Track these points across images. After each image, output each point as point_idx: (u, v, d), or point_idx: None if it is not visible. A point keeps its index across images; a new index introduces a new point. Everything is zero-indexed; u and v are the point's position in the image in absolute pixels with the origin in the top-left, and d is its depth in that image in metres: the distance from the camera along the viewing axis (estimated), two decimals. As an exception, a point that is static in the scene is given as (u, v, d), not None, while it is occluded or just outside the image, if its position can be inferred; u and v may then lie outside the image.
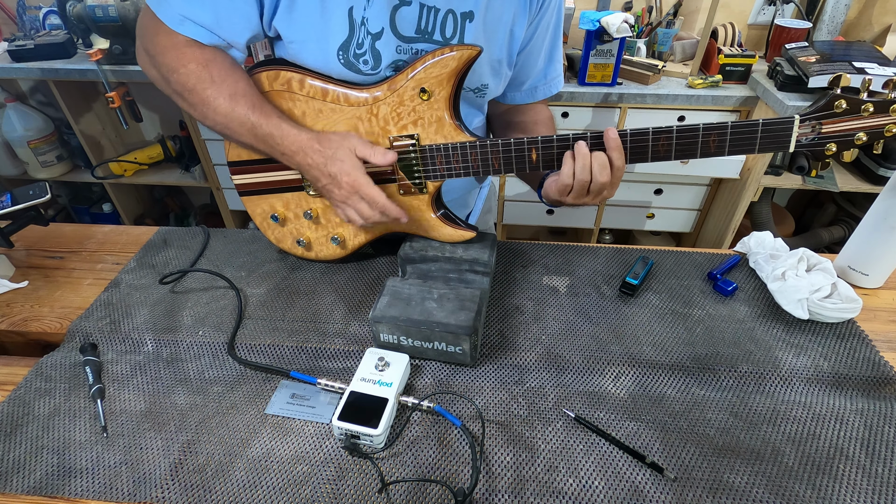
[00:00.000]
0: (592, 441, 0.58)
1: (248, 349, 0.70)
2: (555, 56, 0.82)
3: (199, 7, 0.62)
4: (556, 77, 0.83)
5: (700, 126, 0.61)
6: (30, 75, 1.73)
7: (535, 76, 0.82)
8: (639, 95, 1.61)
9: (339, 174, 0.63)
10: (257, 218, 0.81)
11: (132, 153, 2.02)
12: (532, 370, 0.67)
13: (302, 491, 0.54)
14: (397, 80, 0.66)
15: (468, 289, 0.68)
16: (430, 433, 0.59)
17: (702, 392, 0.64)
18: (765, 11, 1.81)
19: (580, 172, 0.64)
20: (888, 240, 0.74)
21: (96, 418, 0.61)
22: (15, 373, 0.68)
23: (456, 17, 0.68)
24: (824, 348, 0.69)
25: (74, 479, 0.55)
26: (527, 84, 0.83)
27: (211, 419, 0.61)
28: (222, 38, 0.65)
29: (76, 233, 0.96)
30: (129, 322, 0.74)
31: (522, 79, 0.82)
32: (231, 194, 2.04)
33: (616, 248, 0.89)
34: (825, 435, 0.59)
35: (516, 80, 0.82)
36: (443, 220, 0.74)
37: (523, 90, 0.83)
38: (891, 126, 0.57)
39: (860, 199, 1.86)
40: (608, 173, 0.64)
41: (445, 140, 0.67)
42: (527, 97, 0.84)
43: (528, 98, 0.84)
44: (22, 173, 2.05)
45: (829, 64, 1.42)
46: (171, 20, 0.62)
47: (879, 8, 1.73)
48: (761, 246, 0.83)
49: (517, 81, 0.82)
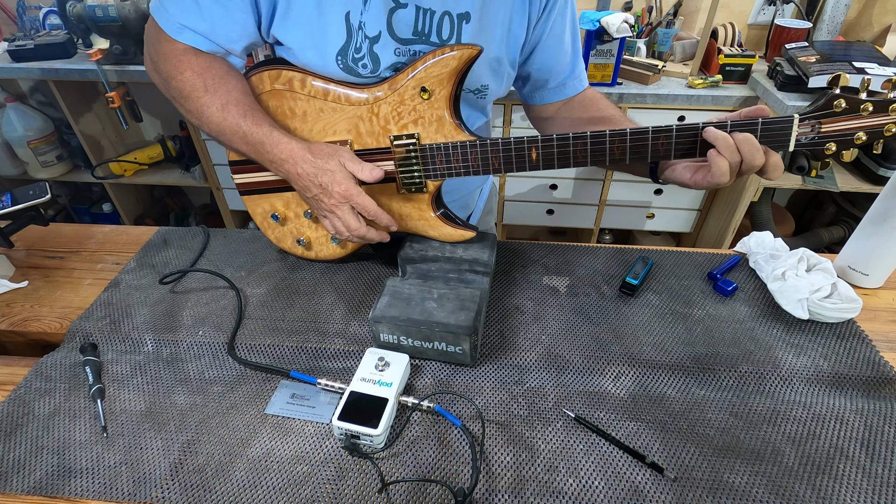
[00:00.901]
0: (592, 441, 0.58)
1: (248, 349, 0.70)
2: (578, 52, 0.81)
3: (196, 16, 0.64)
4: (582, 72, 0.82)
5: (700, 125, 0.61)
6: (30, 75, 1.73)
7: (563, 72, 0.80)
8: (639, 95, 1.61)
9: (331, 184, 0.63)
10: (258, 217, 0.81)
11: (132, 153, 2.02)
12: (532, 370, 0.67)
13: (302, 491, 0.54)
14: (398, 80, 0.66)
15: (468, 289, 0.68)
16: (430, 433, 0.59)
17: (702, 392, 0.64)
18: (765, 11, 1.81)
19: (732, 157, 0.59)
20: (888, 240, 0.74)
21: (96, 418, 0.61)
22: (15, 373, 0.68)
23: (452, 19, 0.68)
24: (824, 348, 0.69)
25: (74, 479, 0.55)
26: (552, 82, 0.81)
27: (211, 419, 0.61)
28: (219, 45, 0.67)
29: (76, 233, 0.96)
30: (129, 322, 0.74)
31: (545, 77, 0.80)
32: (231, 194, 2.04)
33: (616, 248, 0.89)
34: (825, 435, 0.59)
35: (540, 80, 0.81)
36: (443, 220, 0.74)
37: (549, 88, 0.81)
38: (890, 125, 0.57)
39: (860, 199, 1.86)
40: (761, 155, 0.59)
41: (446, 139, 0.67)
42: (556, 95, 0.82)
43: (557, 95, 0.82)
44: (22, 173, 2.05)
45: (829, 64, 1.42)
46: (171, 28, 0.65)
47: (879, 8, 1.73)
48: (761, 246, 0.83)
49: (541, 80, 0.81)
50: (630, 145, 0.62)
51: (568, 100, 0.83)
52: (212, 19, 0.65)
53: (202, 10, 0.64)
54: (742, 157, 0.58)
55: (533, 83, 0.82)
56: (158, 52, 0.67)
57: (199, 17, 0.64)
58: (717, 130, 0.59)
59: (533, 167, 0.67)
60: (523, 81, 0.83)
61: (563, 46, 0.78)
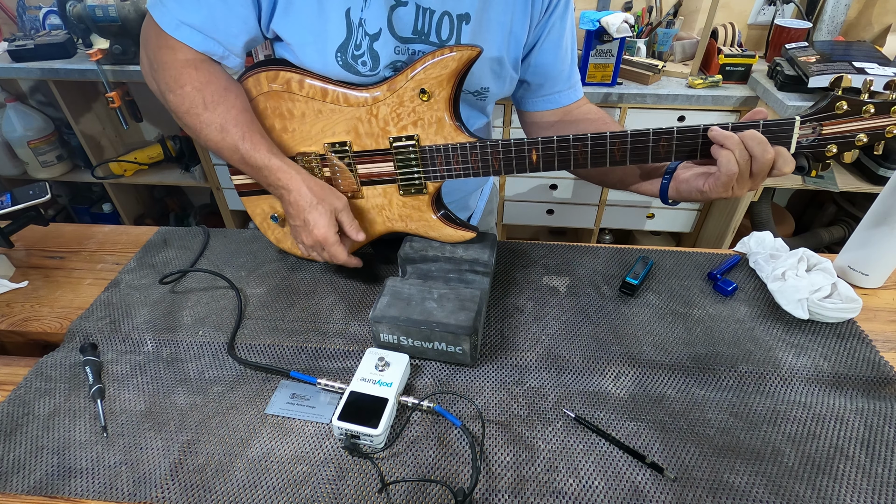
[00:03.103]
0: (592, 441, 0.58)
1: (248, 349, 0.70)
2: (575, 61, 0.80)
3: (196, 11, 0.63)
4: (578, 82, 0.81)
5: (701, 127, 0.60)
6: (30, 75, 1.73)
7: (559, 79, 0.79)
8: (639, 95, 1.61)
9: (315, 226, 0.67)
10: (257, 218, 0.81)
11: (132, 153, 2.02)
12: (532, 370, 0.67)
13: (302, 491, 0.54)
14: (397, 81, 0.66)
15: (468, 289, 0.68)
16: (430, 433, 0.59)
17: (702, 392, 0.64)
18: (765, 11, 1.81)
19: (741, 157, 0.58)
20: (888, 240, 0.74)
21: (96, 418, 0.61)
22: (15, 373, 0.68)
23: (452, 19, 0.68)
24: (824, 348, 0.69)
25: (74, 479, 0.55)
26: (547, 88, 0.80)
27: (211, 419, 0.61)
28: (219, 41, 0.65)
29: (76, 233, 0.96)
30: (129, 322, 0.74)
31: (540, 81, 0.79)
32: (231, 194, 2.04)
33: (616, 248, 0.89)
34: (825, 435, 0.59)
35: (534, 84, 0.80)
36: (443, 221, 0.74)
37: (544, 95, 0.80)
38: (892, 127, 0.57)
39: (860, 199, 1.86)
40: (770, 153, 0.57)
41: (445, 141, 0.67)
42: (550, 102, 0.81)
43: (551, 104, 0.81)
44: (22, 173, 2.05)
45: (829, 64, 1.42)
46: (169, 25, 0.63)
47: (879, 8, 1.73)
48: (761, 246, 0.83)
49: (535, 85, 0.80)
50: (630, 147, 0.62)
51: (567, 113, 0.81)
52: (212, 15, 0.63)
53: (202, 3, 0.63)
54: (751, 153, 0.57)
55: (526, 87, 0.81)
56: (158, 61, 0.65)
57: (199, 13, 0.63)
58: (722, 130, 0.59)
59: (533, 169, 0.67)
60: (518, 85, 0.81)
61: (560, 52, 0.77)
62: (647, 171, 0.71)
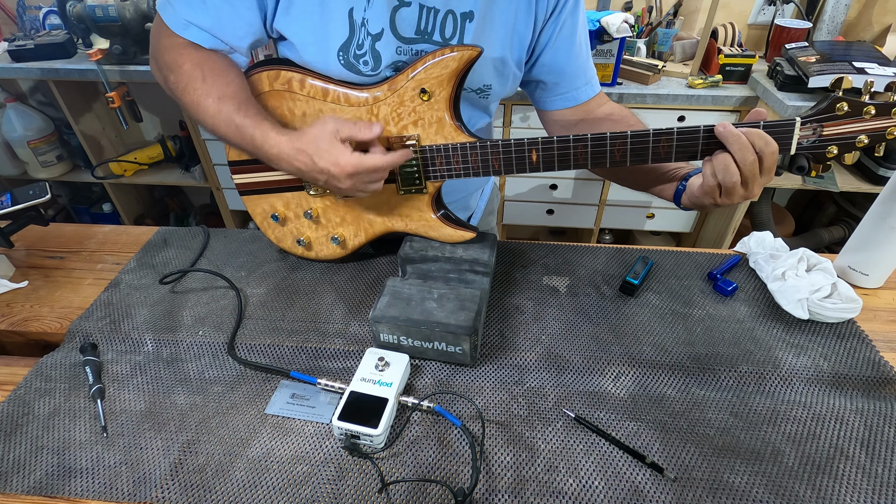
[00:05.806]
0: (592, 441, 0.58)
1: (248, 349, 0.70)
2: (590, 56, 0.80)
3: (202, 12, 0.64)
4: (594, 76, 0.81)
5: (701, 128, 0.60)
6: (30, 75, 1.73)
7: (576, 76, 0.78)
8: (639, 95, 1.61)
9: (331, 167, 0.60)
10: (257, 217, 0.81)
11: (132, 153, 2.02)
12: (532, 370, 0.67)
13: (302, 491, 0.54)
14: (398, 81, 0.66)
15: (468, 289, 0.68)
16: (430, 433, 0.59)
17: (702, 392, 0.64)
18: (765, 11, 1.81)
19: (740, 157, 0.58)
20: (888, 240, 0.74)
21: (96, 418, 0.61)
22: (15, 373, 0.68)
23: (455, 18, 0.68)
24: (824, 348, 0.69)
25: (74, 479, 0.55)
26: (564, 86, 0.79)
27: (211, 419, 0.61)
28: (225, 42, 0.67)
29: (76, 233, 0.96)
30: (129, 322, 0.74)
31: (556, 79, 0.78)
32: (231, 194, 2.04)
33: (616, 248, 0.89)
34: (825, 435, 0.59)
35: (550, 83, 0.79)
36: (443, 221, 0.74)
37: (562, 94, 0.80)
38: (892, 129, 0.57)
39: (860, 199, 1.86)
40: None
41: (446, 141, 0.67)
42: (568, 100, 0.80)
43: (570, 101, 0.80)
44: (22, 173, 2.05)
45: (829, 64, 1.42)
46: (176, 25, 0.65)
47: (879, 8, 1.73)
48: (761, 246, 0.83)
49: (551, 84, 0.79)
50: (631, 147, 0.62)
51: (589, 112, 0.80)
52: (218, 16, 0.65)
53: (209, 6, 0.64)
54: (757, 151, 0.57)
55: (543, 87, 0.80)
56: (160, 47, 0.67)
57: (206, 14, 0.64)
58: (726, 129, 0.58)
59: (533, 169, 0.67)
60: (535, 85, 0.81)
61: (574, 48, 0.76)
62: (667, 176, 0.71)
